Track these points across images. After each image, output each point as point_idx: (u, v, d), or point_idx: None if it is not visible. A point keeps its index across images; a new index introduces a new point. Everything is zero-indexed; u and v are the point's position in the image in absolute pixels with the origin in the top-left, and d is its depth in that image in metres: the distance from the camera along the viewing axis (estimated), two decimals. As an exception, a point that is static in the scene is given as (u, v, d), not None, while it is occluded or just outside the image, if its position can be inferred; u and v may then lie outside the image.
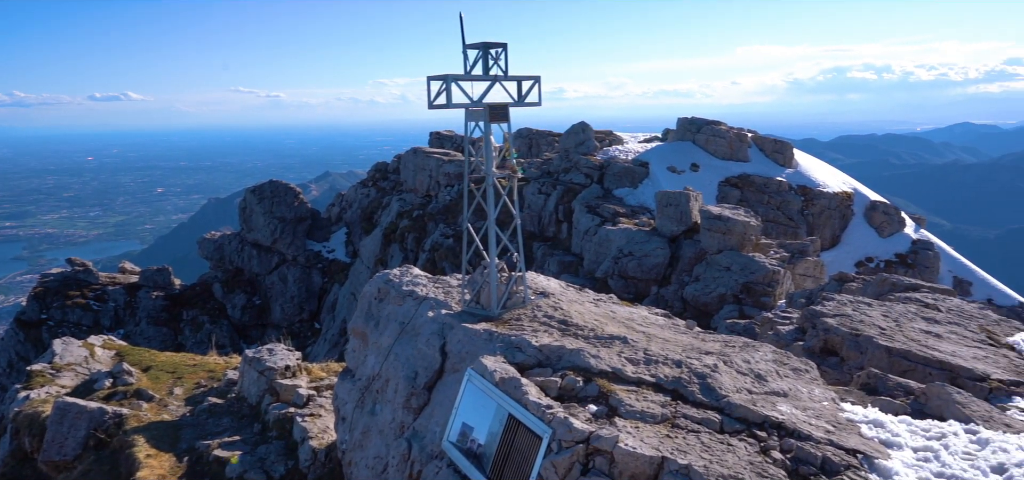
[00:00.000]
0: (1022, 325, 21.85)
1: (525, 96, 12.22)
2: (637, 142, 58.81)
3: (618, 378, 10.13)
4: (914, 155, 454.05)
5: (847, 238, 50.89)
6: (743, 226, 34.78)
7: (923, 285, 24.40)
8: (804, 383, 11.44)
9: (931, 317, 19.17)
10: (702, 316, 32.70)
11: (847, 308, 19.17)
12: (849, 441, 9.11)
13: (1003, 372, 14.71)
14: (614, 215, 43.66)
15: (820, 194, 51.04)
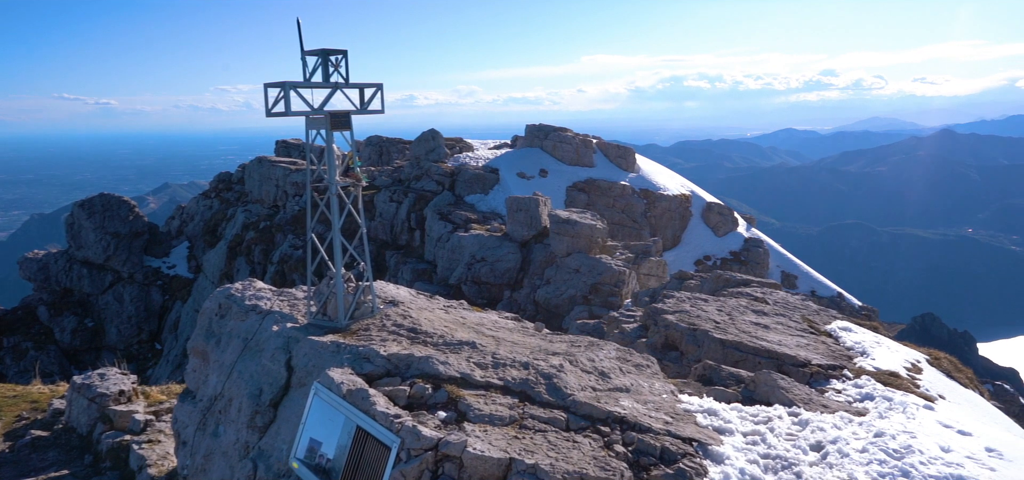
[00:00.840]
0: (839, 314, 23.82)
1: (368, 103, 12.09)
2: (487, 149, 59.50)
3: (467, 383, 10.20)
4: (745, 158, 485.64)
5: (687, 238, 53.65)
6: (590, 229, 35.89)
7: (753, 280, 26.08)
8: (645, 378, 11.95)
9: (760, 309, 20.53)
10: (554, 318, 33.48)
11: (686, 304, 20.20)
12: (686, 430, 9.60)
13: (822, 357, 15.97)
14: (466, 221, 43.92)
15: (661, 197, 53.54)
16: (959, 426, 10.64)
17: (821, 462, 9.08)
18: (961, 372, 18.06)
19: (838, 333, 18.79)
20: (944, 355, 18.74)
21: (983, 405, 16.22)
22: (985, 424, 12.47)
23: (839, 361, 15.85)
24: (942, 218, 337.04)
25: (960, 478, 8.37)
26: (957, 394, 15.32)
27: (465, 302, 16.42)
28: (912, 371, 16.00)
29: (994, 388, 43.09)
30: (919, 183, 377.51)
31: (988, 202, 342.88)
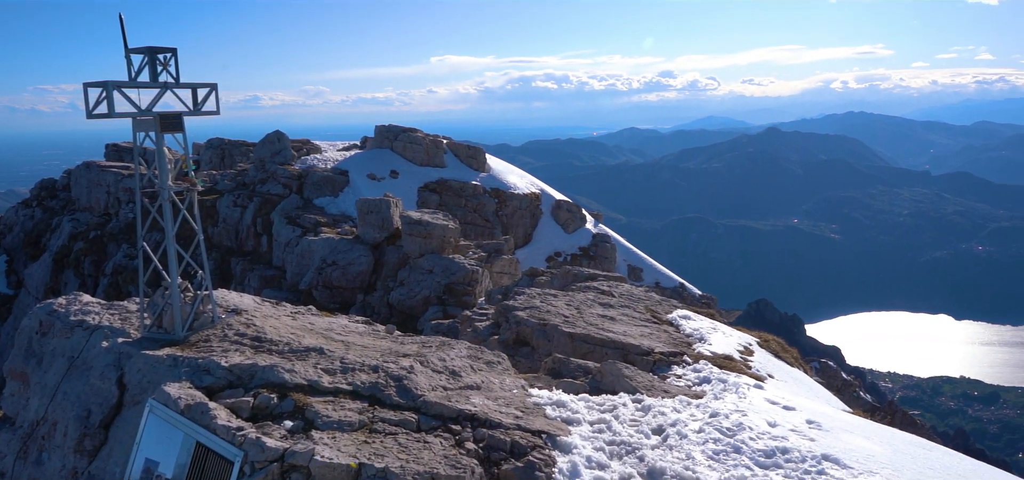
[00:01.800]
0: (680, 303, 25.07)
1: (202, 104, 11.53)
2: (336, 150, 58.25)
3: (314, 390, 9.95)
4: (593, 157, 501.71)
5: (538, 235, 54.75)
6: (442, 229, 35.91)
7: (600, 274, 26.98)
8: (497, 375, 12.10)
9: (607, 302, 21.27)
10: (409, 319, 33.26)
11: (536, 300, 20.61)
12: (535, 423, 9.79)
13: (664, 345, 16.75)
14: (316, 225, 42.83)
15: (512, 196, 54.35)
16: (784, 402, 11.46)
17: (662, 444, 9.52)
18: (787, 352, 19.44)
19: (679, 321, 19.76)
20: (773, 337, 20.11)
21: (807, 381, 17.56)
22: (807, 399, 13.49)
23: (679, 348, 16.67)
24: (771, 210, 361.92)
25: (784, 449, 9.01)
26: (784, 373, 16.49)
27: (313, 308, 16.02)
28: (745, 354, 17.08)
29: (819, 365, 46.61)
30: (750, 178, 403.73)
31: (810, 194, 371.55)
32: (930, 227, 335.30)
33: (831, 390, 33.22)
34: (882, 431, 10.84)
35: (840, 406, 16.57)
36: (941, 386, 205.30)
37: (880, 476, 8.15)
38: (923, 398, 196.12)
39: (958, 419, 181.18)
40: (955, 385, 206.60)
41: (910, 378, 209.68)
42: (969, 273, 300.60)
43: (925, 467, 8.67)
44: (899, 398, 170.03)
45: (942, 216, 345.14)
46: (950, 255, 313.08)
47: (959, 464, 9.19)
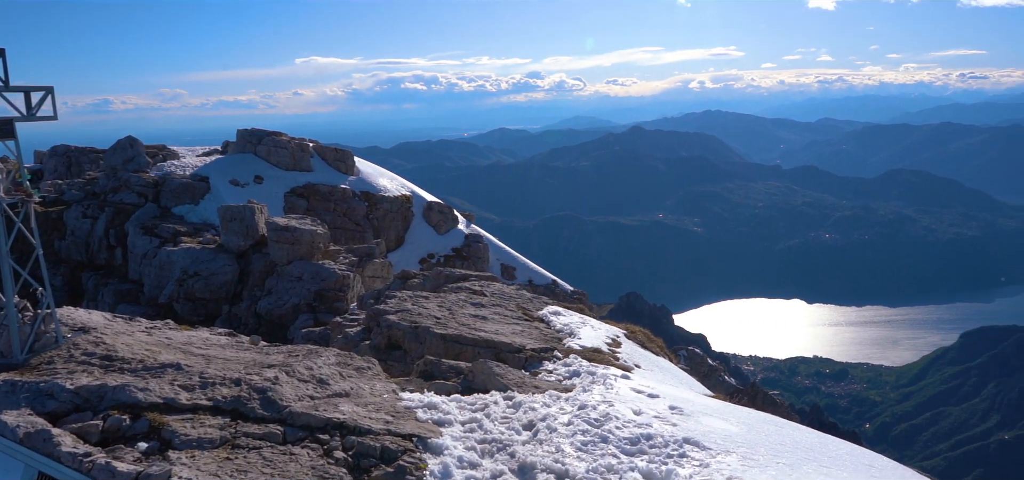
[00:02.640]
0: (551, 300, 25.49)
1: (36, 109, 10.72)
2: (196, 156, 55.69)
3: (172, 408, 9.45)
4: (464, 158, 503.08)
5: (410, 238, 54.33)
6: (311, 235, 35.03)
7: (472, 275, 27.08)
8: (366, 380, 11.89)
9: (479, 302, 21.35)
10: (278, 328, 32.22)
11: (408, 303, 20.43)
12: (406, 427, 9.70)
13: (535, 342, 16.98)
14: (175, 234, 40.79)
15: (383, 198, 53.68)
16: (649, 390, 11.86)
17: (532, 439, 9.64)
18: (653, 342, 20.14)
19: (549, 318, 20.09)
20: (639, 329, 20.78)
21: (671, 369, 18.25)
22: (671, 386, 14.02)
23: (550, 344, 16.94)
24: (638, 206, 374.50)
25: (649, 436, 9.32)
26: (650, 362, 17.08)
27: (172, 322, 15.24)
28: (613, 346, 17.57)
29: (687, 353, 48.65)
30: (617, 175, 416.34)
31: (674, 190, 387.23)
32: (783, 218, 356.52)
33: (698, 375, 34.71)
34: (739, 412, 11.40)
35: (702, 391, 17.32)
36: (797, 366, 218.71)
37: (736, 455, 8.57)
38: (782, 378, 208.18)
39: (813, 396, 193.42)
40: (809, 364, 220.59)
41: (770, 360, 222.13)
42: (818, 260, 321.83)
43: (777, 443, 9.18)
44: (760, 379, 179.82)
45: (793, 207, 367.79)
46: (801, 244, 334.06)
47: (807, 438, 9.79)
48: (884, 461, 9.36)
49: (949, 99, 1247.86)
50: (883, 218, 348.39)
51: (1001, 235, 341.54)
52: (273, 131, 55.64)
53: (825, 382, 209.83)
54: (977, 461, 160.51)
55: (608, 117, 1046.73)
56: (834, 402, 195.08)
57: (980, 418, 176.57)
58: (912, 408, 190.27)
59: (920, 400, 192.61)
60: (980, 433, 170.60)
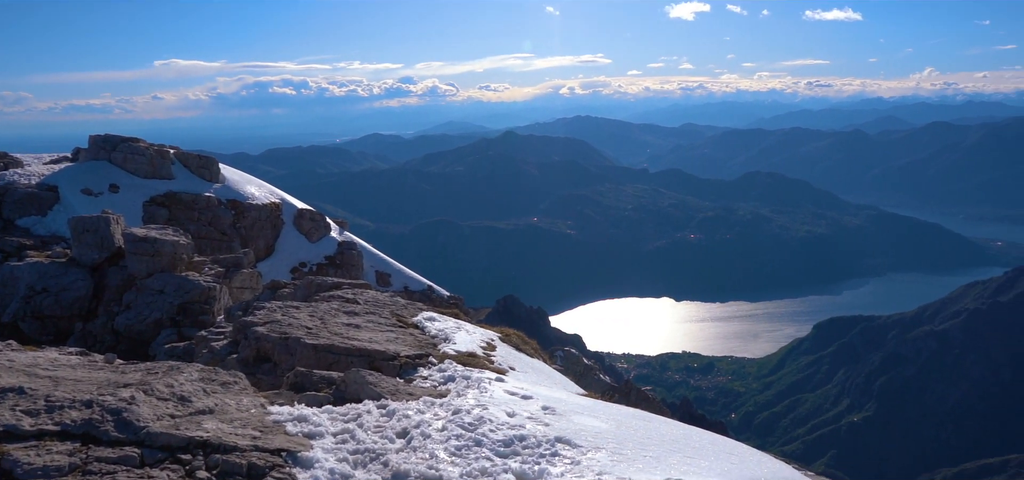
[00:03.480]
0: (426, 306, 25.38)
1: None
2: (43, 164, 51.93)
3: (13, 435, 8.76)
4: (336, 164, 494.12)
5: (280, 246, 52.75)
6: (173, 246, 33.37)
7: (345, 282, 26.58)
8: (232, 396, 11.44)
9: (352, 310, 20.98)
10: (139, 345, 30.51)
11: (277, 314, 19.81)
12: (274, 442, 9.39)
13: (410, 349, 16.85)
14: (20, 248, 37.89)
15: (250, 206, 51.86)
16: (523, 392, 12.01)
17: (406, 447, 9.56)
18: (528, 344, 20.42)
19: (424, 324, 19.99)
20: (514, 332, 21.02)
21: (546, 370, 18.56)
22: (545, 387, 14.25)
23: (425, 350, 16.87)
24: (513, 210, 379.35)
25: (522, 437, 9.44)
26: (524, 364, 17.31)
27: (15, 342, 14.14)
28: (488, 349, 17.68)
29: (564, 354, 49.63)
30: (491, 180, 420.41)
31: (547, 194, 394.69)
32: (651, 219, 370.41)
33: (574, 375, 35.44)
34: (610, 409, 11.73)
35: (576, 390, 17.70)
36: (668, 361, 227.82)
37: (606, 450, 8.81)
38: (654, 374, 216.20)
39: (683, 389, 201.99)
40: (679, 360, 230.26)
41: (642, 357, 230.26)
42: (684, 259, 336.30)
43: (644, 437, 9.52)
44: (634, 376, 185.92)
45: (660, 209, 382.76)
46: (669, 244, 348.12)
47: (673, 430, 10.20)
48: (743, 448, 9.88)
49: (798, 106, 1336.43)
50: (742, 218, 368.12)
51: (846, 232, 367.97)
52: (130, 137, 52.66)
53: (694, 376, 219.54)
54: (831, 443, 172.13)
55: (482, 122, 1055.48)
56: (702, 395, 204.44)
57: (832, 403, 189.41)
58: (772, 397, 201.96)
59: (779, 389, 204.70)
60: (832, 417, 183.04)
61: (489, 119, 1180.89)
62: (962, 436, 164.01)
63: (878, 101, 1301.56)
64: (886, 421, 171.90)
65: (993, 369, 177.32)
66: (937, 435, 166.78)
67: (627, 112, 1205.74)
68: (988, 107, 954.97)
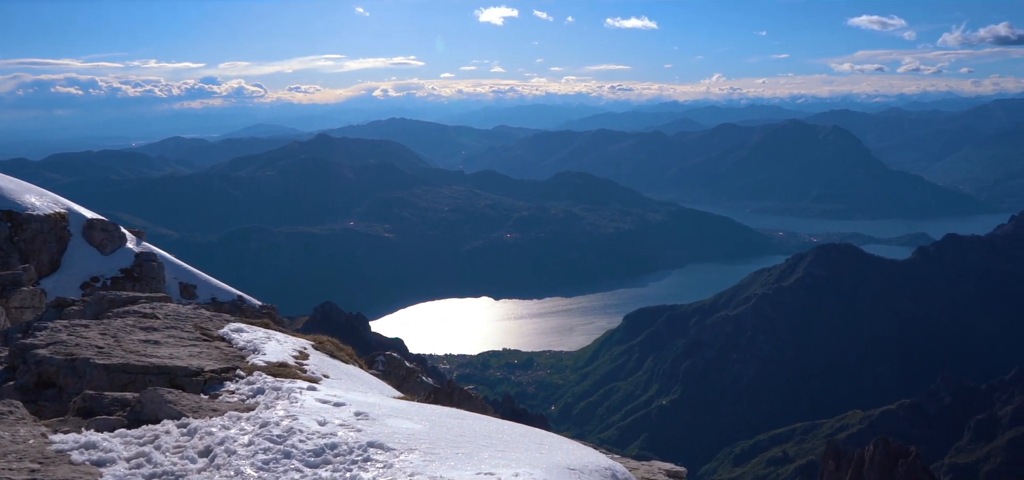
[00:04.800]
0: (234, 318, 24.19)
1: None
2: None
3: None
4: (133, 170, 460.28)
5: (68, 261, 48.36)
6: (-65, 265, 29.74)
7: (141, 296, 24.77)
8: (7, 426, 10.33)
9: (150, 326, 19.58)
10: None
11: (63, 334, 18.12)
12: (57, 473, 8.58)
13: (215, 363, 15.97)
14: None
15: (31, 218, 47.12)
16: (336, 400, 11.73)
17: (210, 465, 9.05)
18: (342, 351, 19.98)
19: (231, 336, 19.03)
20: (328, 338, 20.50)
21: (362, 376, 18.25)
22: (359, 393, 14.02)
23: (233, 363, 16.07)
24: (328, 214, 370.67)
25: (333, 445, 9.22)
26: (339, 371, 16.92)
27: None
28: (300, 358, 17.12)
29: (385, 358, 48.98)
30: (305, 184, 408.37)
31: (363, 197, 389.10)
32: (468, 220, 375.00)
33: (396, 379, 35.11)
34: (425, 410, 11.71)
35: (393, 393, 17.56)
36: (489, 359, 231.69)
37: (419, 451, 8.80)
38: (476, 373, 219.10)
39: (505, 386, 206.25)
40: (500, 357, 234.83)
41: (464, 357, 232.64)
42: (502, 258, 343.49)
43: (458, 434, 9.58)
44: (456, 377, 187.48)
45: (476, 210, 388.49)
46: (486, 244, 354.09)
47: (486, 426, 10.35)
48: (553, 438, 10.21)
49: (603, 109, 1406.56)
50: (555, 217, 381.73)
51: (650, 227, 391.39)
52: None
53: (515, 372, 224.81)
54: (643, 427, 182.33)
55: (293, 125, 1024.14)
56: (524, 390, 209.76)
57: (643, 388, 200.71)
58: (589, 387, 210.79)
59: (595, 379, 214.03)
60: (644, 401, 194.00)
61: (300, 121, 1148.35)
62: (756, 410, 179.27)
63: (674, 104, 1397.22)
64: (691, 402, 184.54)
65: (779, 347, 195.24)
66: (735, 411, 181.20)
67: (441, 114, 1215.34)
68: (768, 110, 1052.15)
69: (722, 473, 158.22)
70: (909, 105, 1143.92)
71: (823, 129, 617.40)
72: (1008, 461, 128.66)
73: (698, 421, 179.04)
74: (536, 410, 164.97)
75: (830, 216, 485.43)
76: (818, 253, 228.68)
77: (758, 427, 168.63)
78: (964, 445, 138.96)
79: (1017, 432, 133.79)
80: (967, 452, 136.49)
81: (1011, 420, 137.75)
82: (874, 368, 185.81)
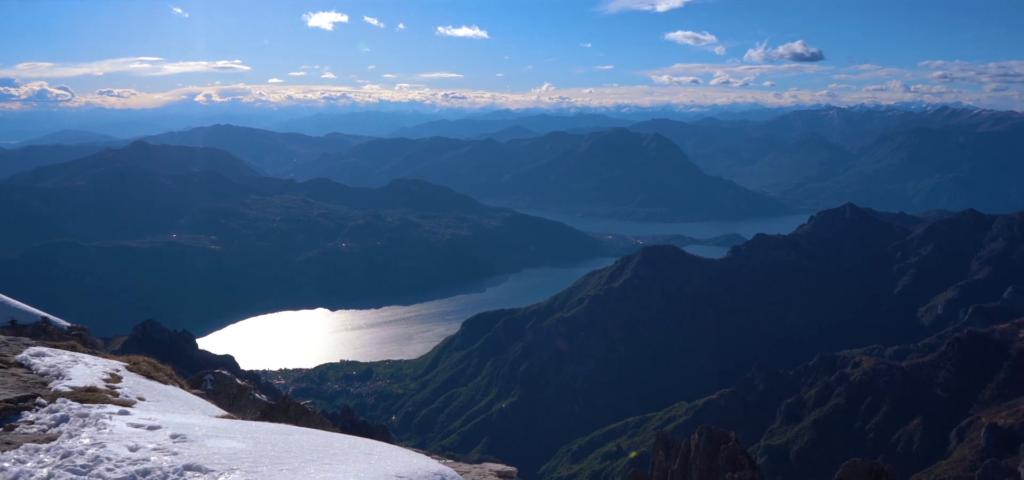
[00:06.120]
0: (36, 341, 22.14)
1: None
2: None
3: None
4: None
5: None
6: None
7: (-76, 322, 22.20)
8: None
9: (-67, 354, 17.57)
10: None
11: None
12: None
13: (11, 391, 14.53)
14: None
15: None
16: (150, 423, 10.98)
17: (0, 506, 8.20)
18: (161, 370, 18.81)
19: (31, 361, 17.44)
20: (143, 359, 19.23)
21: (182, 397, 17.22)
22: (178, 414, 13.20)
23: (32, 390, 14.70)
24: (149, 227, 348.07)
25: (146, 471, 8.61)
26: (156, 393, 15.89)
27: None
28: (111, 381, 15.92)
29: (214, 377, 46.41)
30: (121, 195, 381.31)
31: (187, 208, 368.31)
32: (301, 230, 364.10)
33: (227, 398, 33.38)
34: (250, 429, 11.20)
35: (217, 413, 16.69)
36: (326, 372, 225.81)
37: (240, 471, 8.39)
38: (313, 387, 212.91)
39: (343, 398, 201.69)
40: (338, 369, 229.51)
41: (300, 371, 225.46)
42: (337, 268, 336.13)
43: (283, 451, 9.23)
44: (292, 392, 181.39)
45: (310, 219, 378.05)
46: (320, 254, 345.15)
47: (313, 441, 10.04)
48: (384, 447, 10.05)
49: (437, 116, 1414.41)
50: (392, 225, 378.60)
51: (486, 233, 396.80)
52: None
53: (353, 383, 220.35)
54: (484, 431, 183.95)
55: (105, 131, 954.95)
56: (363, 401, 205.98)
57: (483, 393, 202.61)
58: (429, 395, 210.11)
59: (435, 386, 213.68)
60: (484, 406, 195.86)
61: (114, 128, 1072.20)
62: (591, 407, 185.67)
63: (507, 113, 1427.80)
64: (530, 403, 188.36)
65: (611, 346, 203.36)
66: (572, 409, 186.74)
67: (270, 121, 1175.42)
68: (595, 119, 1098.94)
69: (561, 471, 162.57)
70: (721, 115, 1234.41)
71: (646, 137, 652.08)
72: (814, 439, 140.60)
73: (537, 421, 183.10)
74: (376, 421, 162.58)
75: (654, 219, 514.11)
76: (644, 254, 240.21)
77: (593, 423, 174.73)
78: (776, 428, 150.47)
79: (820, 413, 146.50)
80: (780, 434, 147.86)
81: (815, 402, 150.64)
82: (697, 360, 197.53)
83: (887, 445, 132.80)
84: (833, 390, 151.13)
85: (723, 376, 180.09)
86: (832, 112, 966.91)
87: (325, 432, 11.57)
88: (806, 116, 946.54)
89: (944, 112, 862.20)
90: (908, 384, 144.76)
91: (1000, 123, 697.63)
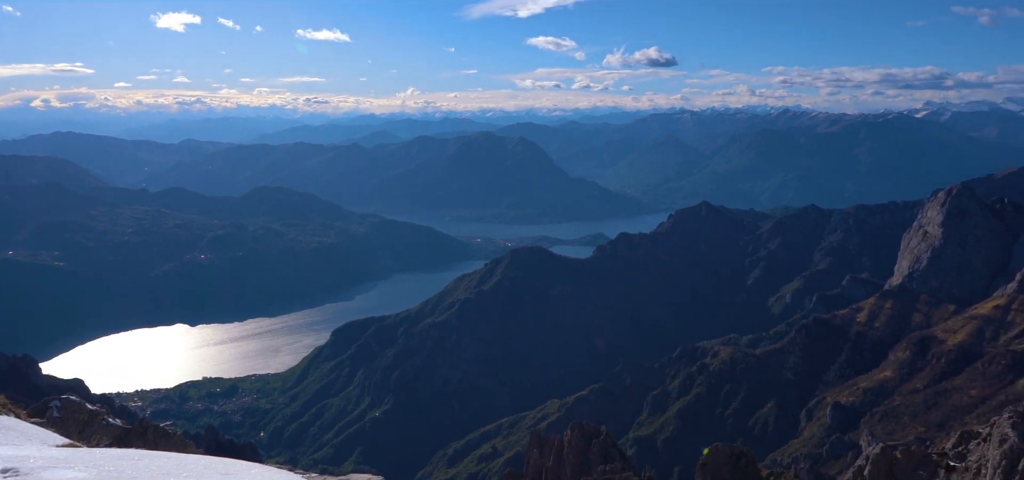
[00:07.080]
0: None
1: None
2: None
3: None
4: None
5: None
6: None
7: None
8: None
9: None
10: None
11: None
12: None
13: None
14: None
15: None
16: (-24, 457, 9.88)
17: None
18: (-8, 399, 17.15)
19: None
20: (-28, 387, 17.46)
21: (18, 426, 15.73)
22: (11, 447, 12.01)
23: None
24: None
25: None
26: (-13, 423, 14.43)
27: None
28: (-68, 414, 14.32)
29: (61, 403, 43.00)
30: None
31: (25, 222, 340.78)
32: (155, 243, 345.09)
33: (75, 426, 30.91)
34: (95, 456, 10.28)
35: (59, 442, 15.31)
36: (188, 391, 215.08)
37: (81, 504, 7.63)
38: (173, 407, 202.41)
39: (207, 417, 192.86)
40: (200, 387, 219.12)
41: (158, 391, 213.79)
42: (196, 281, 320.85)
43: (131, 477, 8.50)
44: (151, 414, 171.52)
45: (164, 230, 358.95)
46: (177, 267, 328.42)
47: (165, 463, 9.33)
48: (242, 466, 9.47)
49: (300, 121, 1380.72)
50: (253, 234, 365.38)
51: (354, 240, 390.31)
52: None
53: (217, 401, 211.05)
54: (358, 441, 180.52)
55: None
56: (229, 419, 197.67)
57: (355, 403, 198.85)
58: (299, 408, 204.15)
59: (305, 399, 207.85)
60: (357, 416, 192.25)
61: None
62: (465, 410, 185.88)
63: (371, 117, 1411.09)
64: (404, 410, 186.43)
65: (484, 348, 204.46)
66: (446, 414, 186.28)
67: (118, 128, 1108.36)
68: (460, 123, 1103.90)
69: (437, 475, 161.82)
70: (583, 118, 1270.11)
71: (511, 140, 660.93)
72: (679, 427, 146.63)
73: (412, 428, 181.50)
74: (244, 439, 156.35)
75: (521, 221, 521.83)
76: (513, 256, 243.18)
77: (468, 426, 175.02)
78: (644, 419, 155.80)
79: (684, 402, 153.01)
80: (647, 425, 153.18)
81: (678, 392, 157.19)
82: (567, 358, 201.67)
83: (745, 428, 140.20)
84: (695, 380, 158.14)
85: (593, 372, 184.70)
86: (686, 115, 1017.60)
87: (179, 454, 10.80)
88: (662, 119, 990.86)
89: (786, 115, 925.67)
90: (762, 370, 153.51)
91: (835, 124, 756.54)
